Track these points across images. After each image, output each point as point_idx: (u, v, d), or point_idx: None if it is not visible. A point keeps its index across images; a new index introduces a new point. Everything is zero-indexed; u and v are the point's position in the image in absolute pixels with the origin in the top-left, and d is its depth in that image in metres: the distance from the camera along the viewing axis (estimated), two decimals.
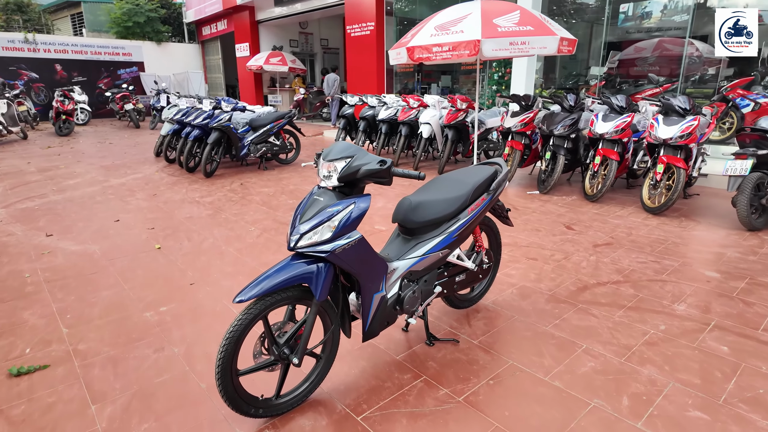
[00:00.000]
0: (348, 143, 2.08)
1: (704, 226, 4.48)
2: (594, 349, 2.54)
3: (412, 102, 7.57)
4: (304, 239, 1.95)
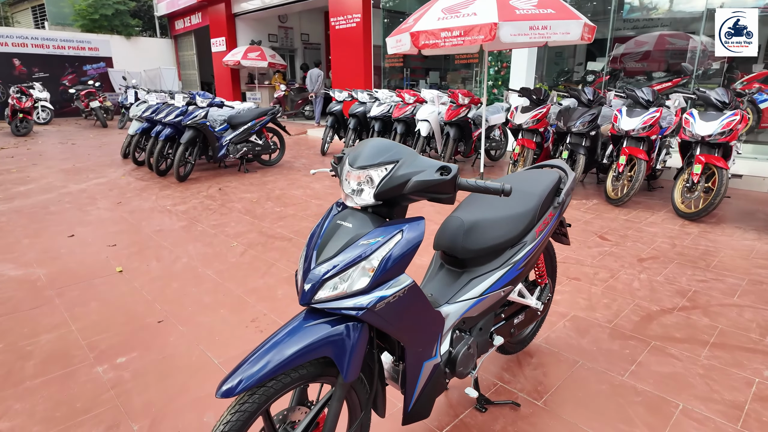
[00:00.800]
0: (386, 141, 1.41)
1: (752, 235, 3.96)
2: (695, 410, 1.95)
3: (408, 97, 6.93)
4: (326, 289, 1.29)
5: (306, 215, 4.71)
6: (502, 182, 1.31)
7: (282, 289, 3.08)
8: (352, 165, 1.37)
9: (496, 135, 7.01)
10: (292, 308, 2.82)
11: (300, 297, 1.33)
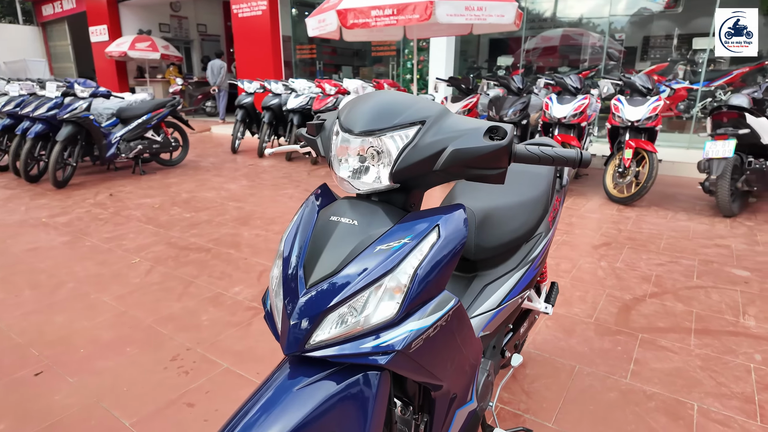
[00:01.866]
0: (399, 93, 0.96)
1: (684, 216, 4.08)
2: (712, 410, 1.75)
3: (329, 88, 6.43)
4: (327, 326, 0.82)
5: (224, 221, 4.04)
6: (578, 149, 0.92)
7: (207, 313, 2.46)
8: (350, 131, 0.90)
9: None
10: (224, 339, 2.24)
11: (284, 342, 0.83)
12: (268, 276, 2.90)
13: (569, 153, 0.89)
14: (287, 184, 5.39)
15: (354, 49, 11.76)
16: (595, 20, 8.29)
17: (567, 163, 0.89)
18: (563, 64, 8.99)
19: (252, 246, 3.43)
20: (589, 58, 8.56)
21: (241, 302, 2.58)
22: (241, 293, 2.68)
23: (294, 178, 5.72)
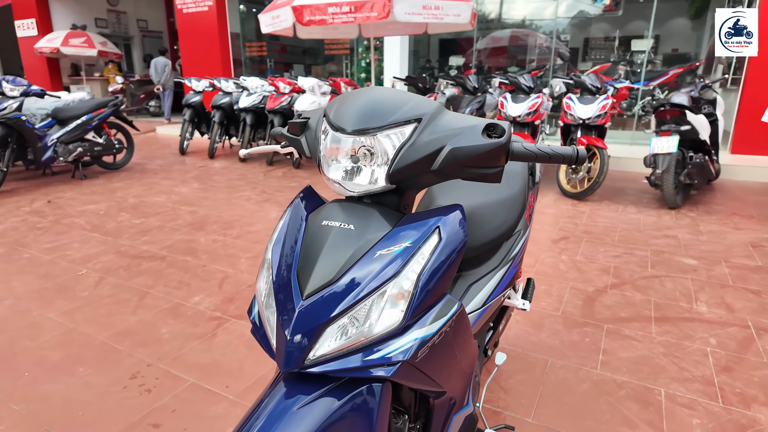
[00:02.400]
0: (392, 90, 0.91)
1: (633, 209, 4.29)
2: (678, 394, 1.82)
3: (283, 86, 6.27)
4: (328, 339, 0.77)
5: (177, 226, 3.83)
6: (575, 146, 0.91)
7: (167, 326, 2.31)
8: (341, 129, 0.85)
9: None
10: (188, 352, 2.11)
11: (280, 359, 0.77)
12: (229, 283, 2.77)
13: (566, 150, 0.87)
14: (243, 186, 5.21)
15: (304, 47, 11.58)
16: (541, 22, 8.59)
17: (564, 161, 0.88)
18: (512, 64, 9.26)
19: (210, 252, 3.27)
20: (537, 58, 8.86)
21: (203, 312, 2.45)
22: (202, 303, 2.55)
23: (250, 180, 5.54)
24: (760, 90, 5.54)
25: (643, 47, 7.45)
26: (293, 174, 5.86)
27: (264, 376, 1.93)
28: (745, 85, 5.75)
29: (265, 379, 1.90)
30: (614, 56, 7.86)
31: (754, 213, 4.09)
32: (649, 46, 7.34)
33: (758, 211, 4.16)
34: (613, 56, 7.88)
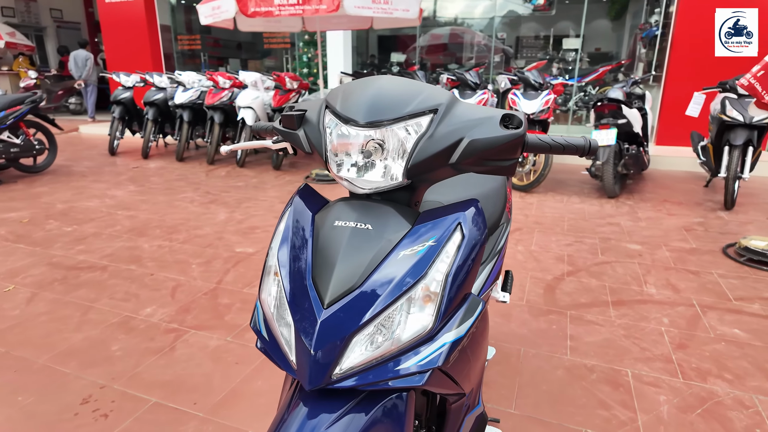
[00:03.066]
0: (400, 79, 0.86)
1: (577, 200, 4.50)
2: (643, 374, 1.92)
3: (223, 81, 5.98)
4: (355, 351, 0.70)
5: (116, 233, 3.54)
6: (585, 137, 0.89)
7: (118, 342, 2.12)
8: (353, 121, 0.78)
9: None
10: (146, 369, 1.94)
11: (304, 375, 0.69)
12: (183, 292, 2.59)
13: (578, 141, 0.86)
14: (184, 187, 4.91)
15: (240, 41, 11.14)
16: (479, 20, 8.82)
17: (576, 151, 0.87)
18: (451, 61, 9.44)
19: (156, 259, 3.04)
20: (476, 55, 9.09)
21: (158, 324, 2.26)
22: (156, 314, 2.35)
23: (191, 180, 5.23)
24: (680, 86, 6.02)
25: (574, 46, 7.86)
26: (238, 173, 5.62)
27: (235, 389, 1.81)
28: (667, 81, 6.23)
29: (238, 393, 1.79)
30: (548, 54, 8.23)
31: (682, 199, 4.44)
32: (580, 44, 7.75)
33: (685, 197, 4.51)
34: (547, 54, 8.24)
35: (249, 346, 2.08)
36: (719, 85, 4.22)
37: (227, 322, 2.29)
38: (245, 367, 1.94)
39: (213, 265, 2.96)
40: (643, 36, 7.36)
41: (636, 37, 8.04)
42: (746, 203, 4.28)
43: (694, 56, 5.95)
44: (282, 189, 4.86)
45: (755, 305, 2.46)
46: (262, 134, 1.08)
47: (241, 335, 2.18)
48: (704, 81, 5.33)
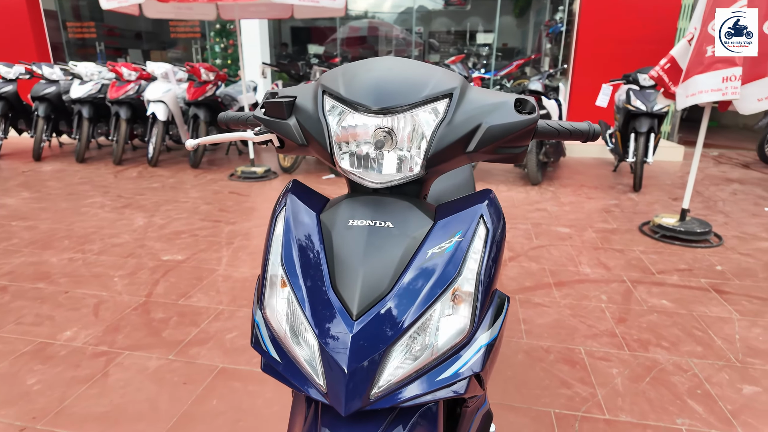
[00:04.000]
0: (407, 60, 0.78)
1: (505, 188, 4.70)
2: (594, 349, 2.03)
3: (128, 72, 5.43)
4: (389, 368, 0.62)
5: (14, 247, 3.07)
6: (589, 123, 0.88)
7: (34, 374, 1.82)
8: (364, 107, 0.69)
9: None
10: (75, 402, 1.68)
11: (339, 399, 0.60)
12: (107, 309, 2.30)
13: (583, 126, 0.85)
14: (90, 192, 4.40)
15: (140, 30, 10.23)
16: (397, 13, 8.88)
17: (581, 136, 0.85)
18: (371, 54, 9.43)
19: (69, 274, 2.67)
20: (395, 48, 9.16)
21: (82, 348, 1.98)
22: (78, 337, 2.06)
23: (98, 183, 4.70)
24: (586, 78, 6.52)
25: (488, 40, 8.20)
26: (151, 173, 5.14)
27: (188, 412, 1.62)
28: (574, 74, 6.71)
29: (191, 416, 1.61)
30: (466, 48, 8.50)
31: (597, 184, 4.81)
32: (495, 39, 8.10)
33: (599, 182, 4.90)
34: (465, 48, 8.52)
35: (196, 363, 1.89)
36: (623, 78, 4.62)
37: (166, 339, 2.07)
38: (195, 387, 1.76)
39: (138, 276, 2.66)
40: (550, 32, 7.86)
41: (541, 33, 8.58)
42: (650, 185, 4.75)
43: (597, 51, 6.47)
44: (205, 189, 4.53)
45: (674, 277, 2.72)
46: (233, 125, 0.95)
47: (184, 352, 1.97)
48: (607, 73, 5.82)
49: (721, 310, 2.34)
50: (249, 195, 4.36)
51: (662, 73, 3.09)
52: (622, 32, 6.33)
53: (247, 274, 2.70)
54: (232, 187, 4.63)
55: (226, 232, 3.38)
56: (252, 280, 2.64)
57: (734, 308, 2.36)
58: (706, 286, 2.60)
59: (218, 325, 2.17)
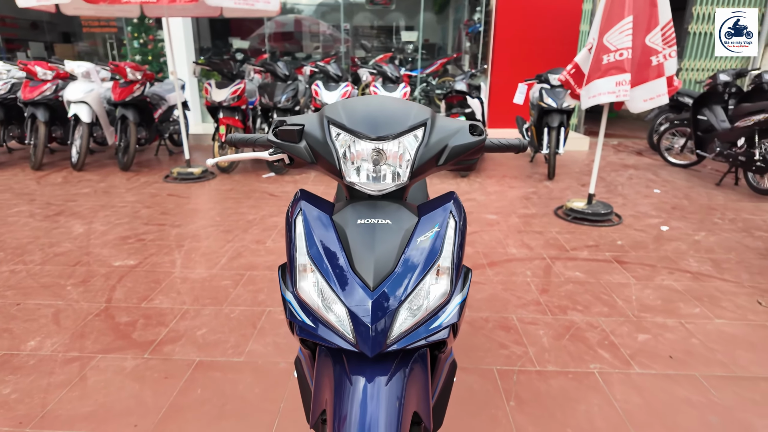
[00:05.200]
0: (386, 97, 1.02)
1: (437, 180, 5.07)
2: (523, 317, 2.41)
3: (42, 72, 5.11)
4: (399, 322, 0.88)
5: None
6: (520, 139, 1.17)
7: (6, 384, 1.84)
8: (366, 136, 0.93)
9: (175, 116, 6.13)
10: (58, 406, 1.75)
11: (366, 345, 0.84)
12: (67, 317, 2.32)
13: (515, 142, 1.14)
14: (14, 200, 4.16)
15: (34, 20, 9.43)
16: (323, 10, 8.97)
17: (515, 149, 1.14)
18: (297, 50, 9.46)
19: (14, 287, 2.62)
20: (322, 45, 9.26)
21: (52, 357, 2.01)
22: (44, 346, 2.08)
23: (19, 191, 4.43)
24: (503, 77, 7.09)
25: (412, 38, 8.57)
26: (78, 178, 4.92)
27: (175, 402, 1.76)
28: (493, 73, 7.26)
29: (179, 406, 1.74)
30: (393, 47, 8.81)
31: (517, 174, 5.34)
32: (419, 37, 8.49)
33: (518, 172, 5.43)
34: (392, 47, 8.82)
35: (173, 359, 2.01)
36: (536, 78, 5.15)
37: (137, 340, 2.15)
38: (177, 380, 1.88)
39: (92, 283, 2.66)
40: (469, 31, 8.39)
41: (461, 31, 9.11)
42: (562, 173, 5.36)
43: (513, 51, 7.05)
44: (140, 192, 4.45)
45: (584, 252, 3.20)
46: (242, 145, 1.13)
47: (159, 350, 2.08)
48: (522, 72, 6.40)
49: (621, 277, 2.83)
50: (189, 197, 4.36)
51: (569, 77, 3.57)
52: (534, 33, 6.96)
53: (205, 275, 2.80)
54: (170, 189, 4.58)
55: (173, 235, 3.41)
56: (210, 280, 2.74)
57: (631, 275, 2.87)
58: (609, 258, 3.10)
59: (187, 324, 2.28)
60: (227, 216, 3.82)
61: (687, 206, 4.19)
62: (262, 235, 3.40)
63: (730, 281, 2.79)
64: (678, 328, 2.30)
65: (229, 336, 2.19)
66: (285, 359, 2.02)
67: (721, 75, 5.00)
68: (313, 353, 1.07)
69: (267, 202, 4.20)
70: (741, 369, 2.00)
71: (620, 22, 3.17)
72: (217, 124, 5.16)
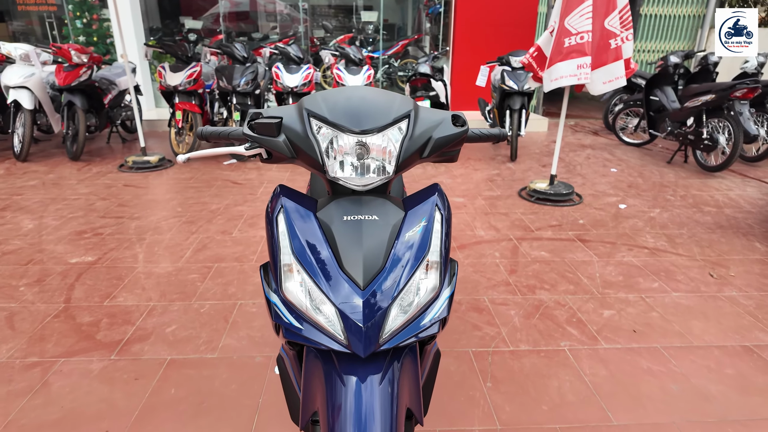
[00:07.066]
0: (368, 88, 0.99)
1: None
2: (494, 297, 2.47)
3: None
4: (390, 320, 0.87)
5: None
6: (499, 128, 1.17)
7: None
8: (349, 130, 0.90)
9: (127, 100, 5.81)
10: (23, 416, 1.66)
11: (359, 345, 0.83)
12: (23, 320, 2.20)
13: (495, 131, 1.14)
14: None
15: None
16: None
17: (495, 138, 1.15)
18: (253, 30, 9.13)
19: None
20: (279, 25, 8.97)
21: (9, 363, 1.90)
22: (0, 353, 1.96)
23: None
24: (465, 59, 7.11)
25: (372, 18, 8.43)
26: (23, 170, 4.61)
27: (148, 403, 1.70)
28: (454, 55, 7.26)
29: (153, 407, 1.69)
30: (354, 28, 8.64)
31: (480, 156, 5.40)
32: (380, 17, 8.35)
33: (482, 154, 5.50)
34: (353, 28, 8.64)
35: (143, 359, 1.94)
36: (498, 60, 5.20)
37: (102, 340, 2.06)
38: (148, 380, 1.82)
39: (48, 283, 2.52)
40: (429, 12, 8.33)
41: (420, 12, 9.03)
42: (524, 154, 5.47)
43: (473, 33, 7.06)
44: (94, 183, 4.22)
45: (548, 232, 3.30)
46: (214, 139, 1.07)
47: (126, 350, 2.00)
48: (484, 55, 6.43)
49: (584, 255, 2.94)
50: (147, 187, 4.17)
51: (531, 60, 3.62)
52: (493, 16, 6.98)
53: (170, 269, 2.70)
54: (125, 179, 4.37)
55: (133, 228, 3.27)
56: (176, 274, 2.65)
57: (593, 252, 2.98)
58: (572, 237, 3.21)
59: (154, 321, 2.21)
60: (189, 206, 3.69)
61: (641, 184, 4.39)
62: (228, 226, 3.31)
63: (683, 255, 2.96)
64: (639, 303, 2.42)
65: (200, 331, 2.13)
66: (261, 353, 1.99)
67: (672, 57, 5.20)
68: (298, 353, 1.05)
69: (230, 190, 4.08)
70: (696, 338, 2.14)
71: (581, 5, 3.22)
72: (173, 109, 4.94)
